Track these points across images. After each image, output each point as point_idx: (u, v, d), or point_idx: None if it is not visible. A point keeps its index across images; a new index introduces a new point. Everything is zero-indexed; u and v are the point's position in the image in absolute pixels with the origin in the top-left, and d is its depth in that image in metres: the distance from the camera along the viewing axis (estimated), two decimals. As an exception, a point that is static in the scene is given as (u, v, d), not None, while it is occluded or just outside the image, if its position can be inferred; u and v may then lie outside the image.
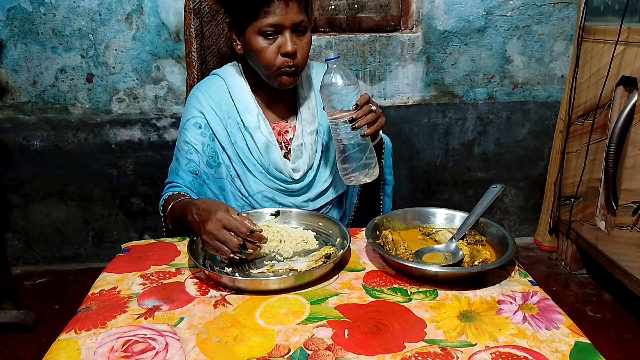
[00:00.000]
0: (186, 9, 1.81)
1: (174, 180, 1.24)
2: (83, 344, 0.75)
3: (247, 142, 1.24)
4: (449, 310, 0.82)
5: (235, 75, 1.27)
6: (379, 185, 1.31)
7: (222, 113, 1.24)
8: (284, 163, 1.25)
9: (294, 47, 1.13)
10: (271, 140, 1.24)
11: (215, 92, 1.25)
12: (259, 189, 1.25)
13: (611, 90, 1.90)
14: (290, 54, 1.13)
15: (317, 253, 0.99)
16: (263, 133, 1.23)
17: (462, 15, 2.20)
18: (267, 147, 1.23)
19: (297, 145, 1.27)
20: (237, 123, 1.24)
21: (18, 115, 2.18)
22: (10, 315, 1.90)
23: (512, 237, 0.97)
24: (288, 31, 1.12)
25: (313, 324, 0.78)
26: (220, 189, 1.27)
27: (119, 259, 1.02)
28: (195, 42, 1.82)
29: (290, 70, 1.16)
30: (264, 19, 1.11)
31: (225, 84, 1.26)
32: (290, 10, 1.11)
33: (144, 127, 2.24)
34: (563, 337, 0.75)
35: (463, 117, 2.37)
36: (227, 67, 1.30)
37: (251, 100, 1.25)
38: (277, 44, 1.13)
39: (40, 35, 2.07)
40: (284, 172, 1.25)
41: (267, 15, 1.10)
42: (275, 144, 1.25)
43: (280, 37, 1.13)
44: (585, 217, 2.11)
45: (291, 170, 1.26)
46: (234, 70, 1.28)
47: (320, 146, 1.31)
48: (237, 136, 1.24)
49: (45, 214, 2.31)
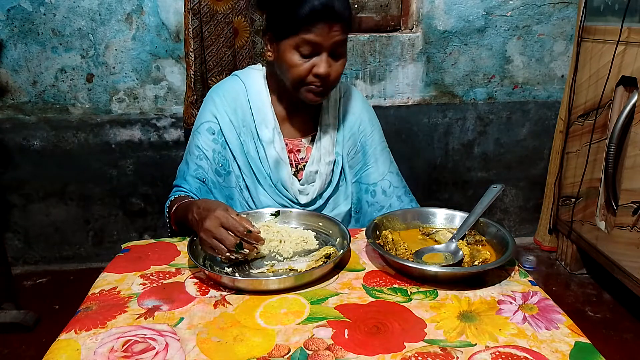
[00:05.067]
0: (185, 9, 1.81)
1: (180, 185, 1.22)
2: (83, 344, 0.75)
3: (259, 154, 1.20)
4: (449, 310, 0.82)
5: (257, 82, 1.22)
6: None
7: (237, 121, 1.20)
8: (291, 182, 1.22)
9: (328, 70, 1.08)
10: (282, 157, 1.20)
11: (233, 97, 1.21)
12: (267, 203, 1.21)
13: (611, 90, 1.90)
14: (323, 76, 1.09)
15: (317, 253, 0.99)
16: (276, 148, 1.20)
17: (462, 15, 2.20)
18: (277, 163, 1.20)
19: (311, 171, 1.23)
20: (252, 133, 1.20)
21: (18, 115, 2.18)
22: (10, 315, 1.90)
23: (512, 237, 0.97)
24: (325, 53, 1.08)
25: (313, 324, 0.78)
26: (228, 198, 1.24)
27: (119, 259, 1.02)
28: (194, 42, 1.82)
29: (319, 89, 1.12)
30: (304, 36, 1.05)
31: (246, 89, 1.21)
32: (333, 32, 1.06)
33: (144, 127, 2.24)
34: (563, 337, 0.75)
35: (463, 117, 2.37)
36: (250, 71, 1.25)
37: (270, 112, 1.20)
38: (312, 63, 1.08)
39: (40, 35, 2.07)
40: (290, 191, 1.22)
41: (308, 33, 1.05)
42: (286, 160, 1.21)
43: (316, 57, 1.08)
44: (585, 217, 2.11)
45: (297, 192, 1.22)
46: (257, 76, 1.23)
47: (337, 177, 1.26)
48: (250, 146, 1.21)
49: (45, 214, 2.31)
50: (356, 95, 1.32)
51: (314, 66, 1.08)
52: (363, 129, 1.30)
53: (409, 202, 1.32)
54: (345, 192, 1.28)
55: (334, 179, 1.26)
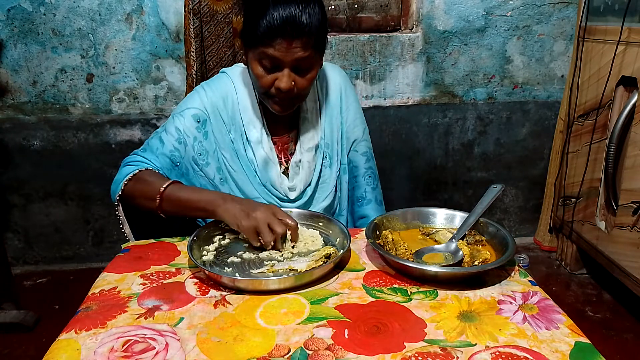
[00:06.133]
0: (186, 9, 1.81)
1: (149, 159, 1.15)
2: (83, 344, 0.75)
3: (247, 154, 1.20)
4: (449, 310, 0.82)
5: (244, 80, 1.21)
6: None
7: (228, 117, 1.19)
8: (280, 181, 1.21)
9: (290, 85, 1.06)
10: (271, 157, 1.20)
11: (224, 95, 1.20)
12: (257, 198, 1.21)
13: (611, 90, 1.90)
14: (284, 91, 1.06)
15: (317, 253, 0.99)
16: (264, 148, 1.20)
17: (462, 15, 2.20)
18: (266, 164, 1.20)
19: (295, 162, 1.23)
20: (241, 132, 1.20)
21: (18, 115, 2.18)
22: (10, 315, 1.90)
23: (512, 237, 0.97)
24: (287, 68, 1.05)
25: (313, 324, 0.78)
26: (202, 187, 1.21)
27: (119, 259, 1.02)
28: (195, 42, 1.82)
29: (283, 103, 1.10)
30: (264, 49, 1.03)
31: (234, 88, 1.20)
32: (293, 48, 1.02)
33: (144, 127, 2.24)
34: (563, 337, 0.75)
35: (463, 117, 2.37)
36: (238, 69, 1.23)
37: (257, 112, 1.20)
38: (274, 76, 1.06)
39: (40, 35, 2.07)
40: (280, 191, 1.22)
41: (268, 48, 1.02)
42: (275, 160, 1.21)
43: (278, 71, 1.06)
44: (586, 217, 2.11)
45: (287, 190, 1.22)
46: (245, 74, 1.22)
47: (320, 161, 1.25)
48: (239, 145, 1.20)
49: (45, 214, 2.31)
50: (330, 68, 1.29)
51: (276, 79, 1.06)
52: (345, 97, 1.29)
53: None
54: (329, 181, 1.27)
55: (318, 164, 1.25)
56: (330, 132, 1.26)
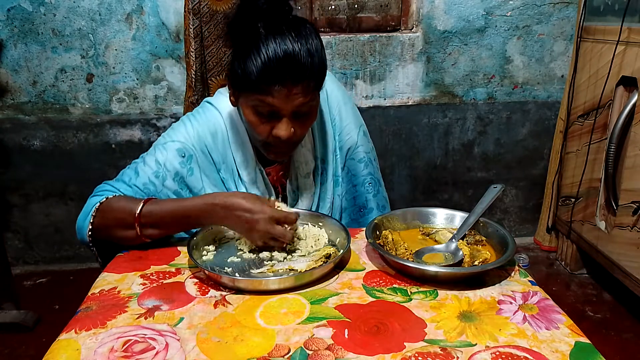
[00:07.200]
0: (185, 9, 1.81)
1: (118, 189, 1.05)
2: (83, 344, 0.75)
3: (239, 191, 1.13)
4: (449, 310, 0.82)
5: (233, 114, 1.10)
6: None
7: (218, 156, 1.10)
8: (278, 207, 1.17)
9: (289, 132, 0.96)
10: (267, 192, 1.15)
11: (212, 129, 1.09)
12: None
13: (611, 90, 1.90)
14: (284, 139, 0.97)
15: (317, 253, 0.99)
16: (259, 188, 1.14)
17: (462, 15, 2.20)
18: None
19: (291, 190, 1.18)
20: (233, 171, 1.12)
21: (18, 115, 2.18)
22: (10, 315, 1.90)
23: (512, 237, 0.97)
24: (286, 117, 0.96)
25: (313, 324, 0.78)
26: None
27: (119, 259, 1.02)
28: (194, 42, 1.82)
29: (282, 150, 1.03)
30: (260, 97, 0.93)
31: (224, 122, 1.10)
32: (294, 95, 0.92)
33: (144, 127, 2.24)
34: (563, 337, 0.75)
35: (463, 117, 2.37)
36: (224, 100, 1.10)
37: (249, 150, 1.11)
38: (272, 124, 0.97)
39: (40, 35, 2.07)
40: None
41: (265, 95, 0.92)
42: (272, 192, 1.16)
43: (276, 119, 0.96)
44: (586, 217, 2.11)
45: None
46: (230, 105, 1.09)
47: (319, 182, 1.19)
48: (232, 185, 1.13)
49: (45, 214, 2.31)
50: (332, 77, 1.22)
51: (274, 128, 0.97)
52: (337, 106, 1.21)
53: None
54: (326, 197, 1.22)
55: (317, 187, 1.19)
56: (324, 145, 1.20)
